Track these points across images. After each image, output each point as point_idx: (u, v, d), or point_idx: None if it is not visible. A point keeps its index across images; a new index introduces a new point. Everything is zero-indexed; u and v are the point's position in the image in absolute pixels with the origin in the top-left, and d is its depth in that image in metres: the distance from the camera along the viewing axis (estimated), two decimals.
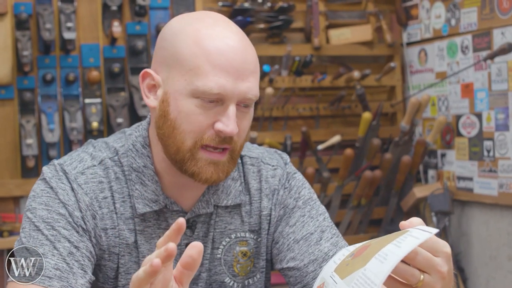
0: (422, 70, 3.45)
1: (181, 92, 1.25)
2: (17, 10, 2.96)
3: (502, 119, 2.95)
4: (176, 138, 1.27)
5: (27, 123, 2.95)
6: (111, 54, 3.12)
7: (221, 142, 1.26)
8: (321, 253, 1.38)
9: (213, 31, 1.26)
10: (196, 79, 1.24)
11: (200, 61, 1.24)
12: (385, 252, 1.01)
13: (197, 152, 1.27)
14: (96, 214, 1.32)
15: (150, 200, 1.34)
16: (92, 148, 1.39)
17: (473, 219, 3.18)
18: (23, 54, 2.92)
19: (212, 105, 1.25)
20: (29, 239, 1.27)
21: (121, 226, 1.34)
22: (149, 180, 1.34)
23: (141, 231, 1.35)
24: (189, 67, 1.25)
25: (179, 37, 1.27)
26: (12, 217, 2.93)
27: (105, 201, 1.33)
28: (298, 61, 3.27)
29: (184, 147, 1.26)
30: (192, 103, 1.25)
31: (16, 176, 3.00)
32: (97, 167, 1.35)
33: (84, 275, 1.26)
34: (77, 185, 1.32)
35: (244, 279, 1.44)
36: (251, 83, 1.26)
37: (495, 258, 3.06)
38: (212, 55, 1.24)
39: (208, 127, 1.26)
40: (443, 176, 3.31)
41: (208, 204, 1.38)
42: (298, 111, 3.36)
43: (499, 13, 2.94)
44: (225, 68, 1.23)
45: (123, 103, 3.07)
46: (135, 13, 3.10)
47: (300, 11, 3.39)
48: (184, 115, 1.25)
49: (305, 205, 1.45)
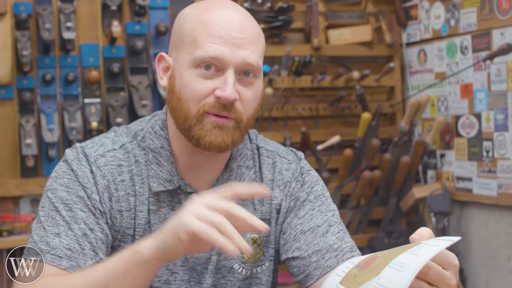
0: (422, 71, 3.46)
1: (184, 65, 1.33)
2: (16, 10, 2.96)
3: (501, 120, 2.95)
4: (182, 108, 1.33)
5: (26, 123, 2.95)
6: (110, 54, 3.12)
7: (221, 108, 1.31)
8: (326, 245, 1.40)
9: (213, 8, 1.35)
10: (195, 49, 1.31)
11: (198, 32, 1.32)
12: (400, 261, 1.01)
13: (202, 117, 1.32)
14: (112, 196, 1.36)
15: (164, 180, 1.38)
16: (113, 133, 1.45)
17: (472, 220, 3.18)
18: (23, 54, 2.91)
19: (211, 73, 1.31)
20: (47, 218, 1.32)
21: (139, 207, 1.39)
22: (165, 160, 1.39)
23: (155, 210, 1.39)
24: (190, 40, 1.32)
25: (184, 19, 1.38)
26: (11, 217, 2.92)
27: (122, 184, 1.38)
28: (298, 61, 3.27)
29: (190, 115, 1.32)
30: (193, 73, 1.31)
31: (15, 176, 2.99)
32: (117, 151, 1.40)
33: (95, 257, 1.31)
34: (96, 167, 1.37)
35: (253, 266, 1.46)
36: (250, 51, 1.31)
37: (494, 259, 3.06)
38: (209, 25, 1.31)
39: (209, 94, 1.31)
40: (442, 176, 3.31)
41: None
42: (298, 111, 3.36)
43: (499, 14, 2.94)
44: (222, 36, 1.30)
45: (123, 103, 3.07)
46: (135, 13, 3.10)
47: (300, 12, 3.39)
48: (186, 85, 1.32)
49: (316, 200, 1.48)
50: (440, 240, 1.03)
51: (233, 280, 1.45)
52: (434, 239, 1.05)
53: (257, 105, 1.37)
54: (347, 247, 1.41)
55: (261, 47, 1.36)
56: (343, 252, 1.39)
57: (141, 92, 3.08)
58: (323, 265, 1.38)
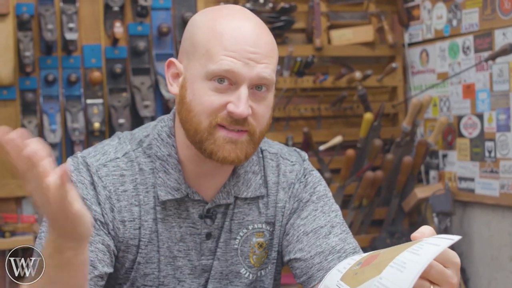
0: (424, 71, 3.45)
1: (196, 76, 1.30)
2: (19, 11, 2.97)
3: (503, 120, 2.95)
4: (192, 121, 1.30)
5: (29, 123, 2.96)
6: (113, 54, 3.13)
7: (234, 123, 1.29)
8: (328, 246, 1.40)
9: (227, 18, 1.31)
10: (209, 61, 1.28)
11: (213, 44, 1.28)
12: (401, 260, 1.00)
13: (214, 131, 1.29)
14: (114, 207, 1.34)
15: (172, 188, 1.37)
16: (117, 140, 1.42)
17: (475, 220, 3.18)
18: (25, 55, 2.92)
19: (225, 87, 1.28)
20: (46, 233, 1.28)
21: (144, 217, 1.36)
22: (173, 168, 1.37)
23: (162, 219, 1.37)
24: (203, 51, 1.29)
25: (197, 26, 1.33)
26: (14, 218, 2.93)
27: (125, 194, 1.36)
28: (300, 61, 3.28)
29: (201, 128, 1.30)
30: (206, 86, 1.29)
31: (17, 176, 2.99)
32: (120, 160, 1.38)
33: (93, 271, 1.28)
34: (98, 178, 1.34)
35: (258, 270, 1.46)
36: (264, 65, 1.29)
37: (496, 259, 3.06)
38: (224, 38, 1.28)
39: (221, 108, 1.29)
40: (444, 176, 3.31)
41: (229, 195, 1.41)
42: (300, 112, 3.36)
43: (501, 14, 2.94)
44: (236, 50, 1.27)
45: (125, 103, 3.07)
46: (137, 13, 3.11)
47: (302, 12, 3.39)
48: (197, 97, 1.29)
49: (319, 200, 1.47)
50: (441, 238, 1.02)
51: (240, 285, 1.45)
52: (435, 237, 1.04)
53: (269, 118, 1.35)
54: (350, 248, 1.41)
55: (276, 60, 1.34)
56: (345, 254, 1.39)
57: (143, 93, 3.08)
58: (326, 267, 1.38)
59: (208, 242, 1.41)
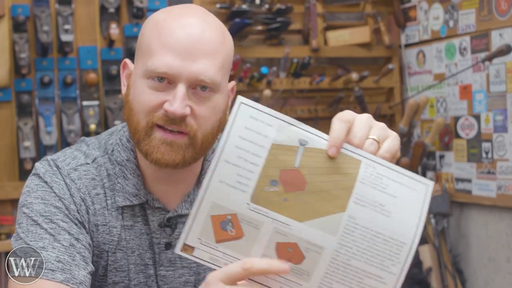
0: (421, 72, 3.45)
1: (137, 75, 1.25)
2: (14, 12, 2.96)
3: (500, 121, 2.95)
4: (133, 120, 1.25)
5: (24, 125, 2.95)
6: (108, 56, 3.12)
7: (170, 122, 1.22)
8: None
9: (174, 16, 1.25)
10: (148, 59, 1.23)
11: (152, 41, 1.23)
12: (372, 199, 0.94)
13: (151, 131, 1.24)
14: (89, 209, 1.30)
15: (130, 194, 1.31)
16: (85, 146, 1.37)
17: (472, 221, 3.18)
18: (21, 57, 2.91)
19: (163, 86, 1.22)
20: (27, 234, 1.24)
21: (112, 222, 1.32)
22: (131, 173, 1.32)
23: (130, 226, 1.33)
24: (145, 50, 1.25)
25: (145, 25, 1.29)
26: (9, 220, 2.92)
27: (98, 197, 1.31)
28: (296, 63, 3.27)
29: (139, 127, 1.24)
30: (144, 84, 1.23)
31: (13, 178, 2.99)
32: (90, 165, 1.33)
33: (86, 267, 1.24)
34: (70, 180, 1.30)
35: None
36: (204, 65, 1.21)
37: (494, 260, 3.06)
38: (162, 35, 1.23)
39: (159, 107, 1.23)
40: (441, 178, 3.31)
41: (192, 205, 1.37)
42: (296, 113, 3.36)
43: (497, 15, 2.94)
44: (174, 48, 1.21)
45: (121, 105, 3.07)
46: (133, 15, 3.10)
47: (298, 13, 3.38)
48: (137, 96, 1.24)
49: None
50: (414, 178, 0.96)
51: None
52: (379, 164, 0.98)
53: (216, 121, 1.26)
54: None
55: (221, 59, 1.24)
56: None
57: None
58: None
59: (168, 252, 1.35)
